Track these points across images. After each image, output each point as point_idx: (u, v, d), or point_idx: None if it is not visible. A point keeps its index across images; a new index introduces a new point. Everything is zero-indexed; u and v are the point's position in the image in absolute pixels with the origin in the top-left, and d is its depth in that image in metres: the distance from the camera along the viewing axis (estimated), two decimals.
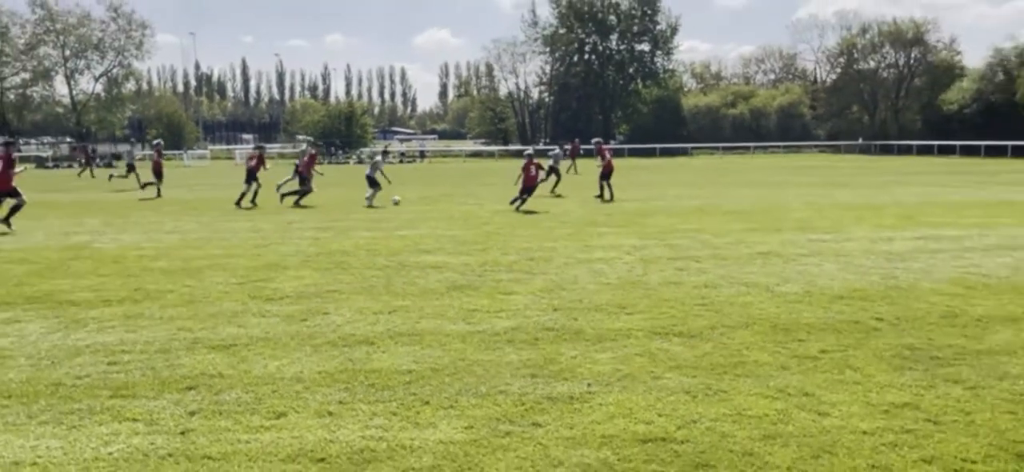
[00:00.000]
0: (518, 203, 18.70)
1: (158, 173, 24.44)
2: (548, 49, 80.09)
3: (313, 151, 22.70)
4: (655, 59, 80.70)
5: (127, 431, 4.87)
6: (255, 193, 20.62)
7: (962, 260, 10.79)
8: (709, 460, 4.38)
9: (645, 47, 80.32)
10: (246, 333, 7.08)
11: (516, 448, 4.58)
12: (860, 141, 73.60)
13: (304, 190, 20.45)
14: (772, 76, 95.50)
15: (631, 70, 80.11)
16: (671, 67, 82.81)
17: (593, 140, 27.65)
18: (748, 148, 71.31)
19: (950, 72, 71.92)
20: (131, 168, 28.88)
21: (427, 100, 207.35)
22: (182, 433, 4.83)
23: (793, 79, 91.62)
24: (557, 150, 28.46)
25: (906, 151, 64.82)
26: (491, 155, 68.69)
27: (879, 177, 32.53)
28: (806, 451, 4.47)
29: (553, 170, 24.46)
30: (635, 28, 78.87)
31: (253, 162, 21.30)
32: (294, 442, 4.68)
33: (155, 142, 31.58)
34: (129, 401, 5.39)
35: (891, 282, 9.27)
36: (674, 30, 79.87)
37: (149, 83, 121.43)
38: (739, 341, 6.75)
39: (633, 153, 60.17)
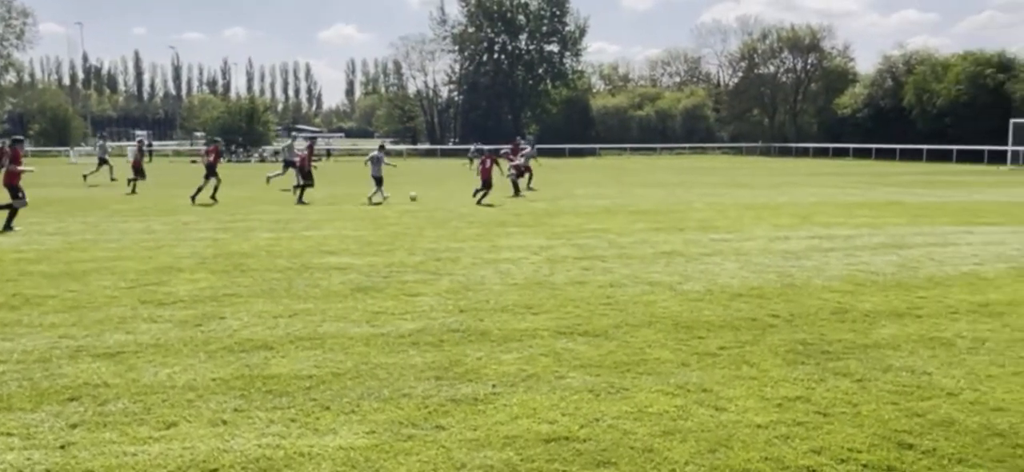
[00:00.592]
0: (480, 196, 20.07)
1: (138, 169, 24.31)
2: (457, 48, 79.97)
3: (309, 142, 22.83)
4: (564, 60, 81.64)
5: (1, 446, 4.55)
6: (215, 188, 20.39)
7: (853, 258, 11.28)
8: (610, 457, 4.41)
9: (554, 48, 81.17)
10: (135, 340, 6.74)
11: (419, 452, 4.50)
12: (760, 143, 76.41)
13: (306, 184, 20.41)
14: (677, 79, 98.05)
15: (540, 70, 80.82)
16: (580, 68, 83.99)
17: (521, 139, 28.08)
18: (655, 149, 73.07)
19: (844, 78, 75.52)
20: (103, 162, 28.96)
21: (333, 97, 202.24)
22: (62, 447, 4.55)
23: (697, 82, 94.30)
24: (528, 149, 29.26)
25: (803, 153, 67.72)
26: (400, 154, 68.12)
27: (778, 178, 33.84)
28: (704, 445, 4.55)
29: (525, 168, 25.48)
30: (544, 28, 79.60)
31: (211, 157, 21.04)
32: (185, 453, 4.47)
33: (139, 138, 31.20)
34: (4, 414, 5.04)
35: (787, 280, 9.60)
36: (582, 31, 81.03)
37: (32, 75, 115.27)
38: (642, 339, 6.85)
39: (543, 153, 60.63)
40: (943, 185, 29.26)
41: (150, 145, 45.14)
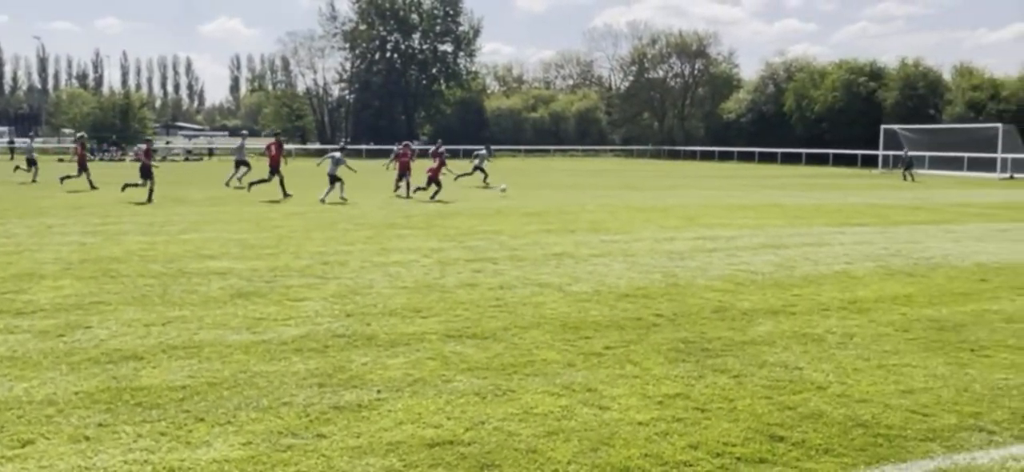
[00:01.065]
0: (433, 193, 21.76)
1: (82, 166, 23.31)
2: (348, 45, 78.63)
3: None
4: (458, 60, 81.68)
5: None
6: (151, 191, 19.73)
7: (734, 258, 11.71)
8: (494, 460, 4.38)
9: (448, 48, 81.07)
10: None
11: (298, 462, 4.34)
12: (651, 146, 78.62)
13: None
14: (571, 81, 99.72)
15: (434, 70, 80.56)
16: (474, 69, 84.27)
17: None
18: (548, 151, 74.02)
19: (729, 83, 78.72)
20: (32, 163, 27.48)
21: (217, 94, 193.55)
22: None
23: (590, 85, 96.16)
24: (483, 150, 31.00)
25: (691, 156, 70.08)
26: (288, 153, 66.39)
27: (666, 181, 34.88)
28: (586, 444, 4.59)
29: (479, 168, 27.79)
30: (438, 28, 79.38)
31: (144, 156, 20.49)
32: None
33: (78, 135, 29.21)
34: None
35: (671, 280, 9.86)
36: (477, 32, 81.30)
37: None
38: (530, 340, 6.88)
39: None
40: (820, 188, 30.86)
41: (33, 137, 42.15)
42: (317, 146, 72.29)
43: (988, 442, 4.69)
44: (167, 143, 65.64)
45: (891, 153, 48.25)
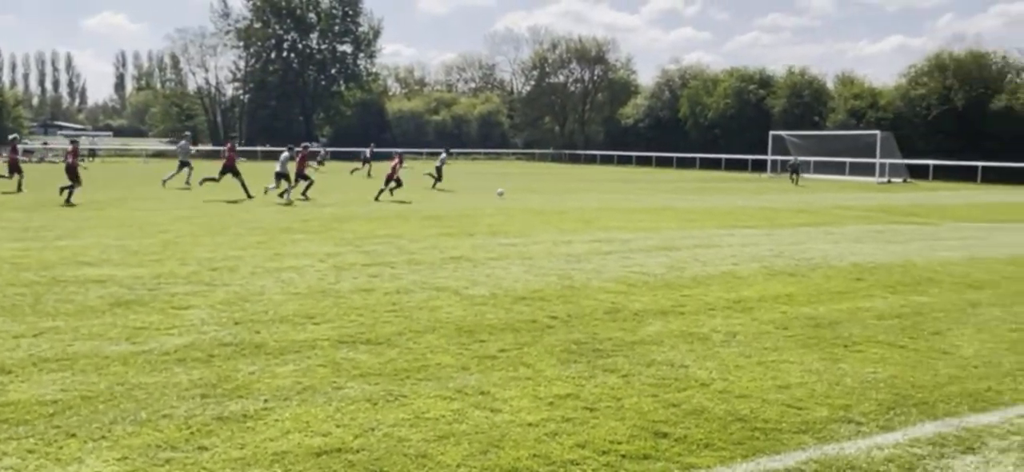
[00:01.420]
0: (390, 188, 23.52)
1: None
2: (242, 44, 76.34)
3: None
4: (358, 61, 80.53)
5: None
6: (70, 192, 19.18)
7: (628, 260, 11.98)
8: (383, 466, 4.34)
9: (347, 48, 79.83)
10: None
11: None
12: (552, 150, 79.63)
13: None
14: (473, 85, 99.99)
15: (333, 71, 79.17)
16: (375, 70, 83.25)
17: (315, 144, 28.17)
18: (451, 154, 73.86)
19: (627, 89, 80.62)
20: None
21: (100, 92, 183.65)
22: None
23: (492, 89, 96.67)
24: (443, 154, 33.07)
25: (591, 160, 71.39)
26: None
27: (566, 184, 35.38)
28: (477, 447, 4.61)
29: (437, 170, 29.98)
30: (336, 28, 78.04)
31: (70, 158, 19.82)
32: None
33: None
34: None
35: (566, 282, 10.00)
36: (377, 32, 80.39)
37: None
38: (425, 345, 6.84)
39: (336, 157, 59.43)
40: (712, 191, 31.97)
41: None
42: (210, 148, 69.82)
43: (856, 432, 4.97)
44: (44, 144, 62.06)
45: (779, 158, 50.45)
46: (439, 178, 30.17)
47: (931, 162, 45.56)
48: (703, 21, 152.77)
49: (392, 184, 23.80)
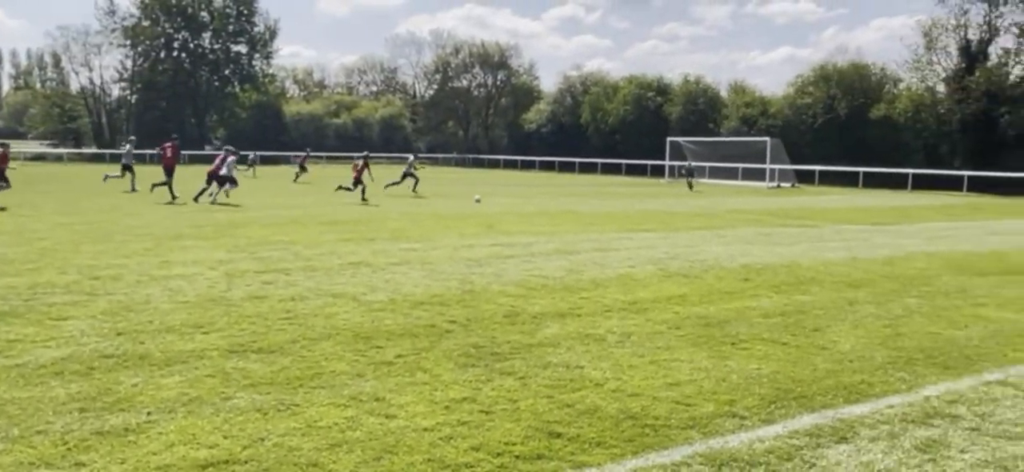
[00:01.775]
0: (346, 190, 25.47)
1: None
2: (129, 42, 73.08)
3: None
4: (253, 62, 78.45)
5: None
6: None
7: (528, 264, 12.08)
8: None
9: (242, 49, 77.68)
10: None
11: None
12: (456, 154, 79.63)
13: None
14: (375, 88, 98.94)
15: (227, 72, 76.85)
16: (271, 72, 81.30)
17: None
18: (352, 157, 72.91)
19: (530, 94, 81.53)
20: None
21: None
22: None
23: (394, 92, 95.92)
24: (411, 157, 33.30)
25: (495, 165, 71.79)
26: (60, 158, 60.70)
27: (470, 188, 35.42)
28: (370, 454, 4.55)
29: (409, 174, 29.62)
30: (231, 27, 75.82)
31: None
32: None
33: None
34: None
35: (467, 287, 10.01)
36: (273, 33, 78.62)
37: None
38: (320, 352, 6.71)
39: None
40: (612, 196, 32.64)
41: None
42: (93, 150, 66.54)
43: (740, 426, 5.17)
44: None
45: (676, 163, 52.00)
46: (401, 181, 29.90)
47: (817, 167, 47.88)
48: (604, 29, 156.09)
49: (360, 186, 25.12)
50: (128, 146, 29.30)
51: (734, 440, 4.90)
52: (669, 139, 54.82)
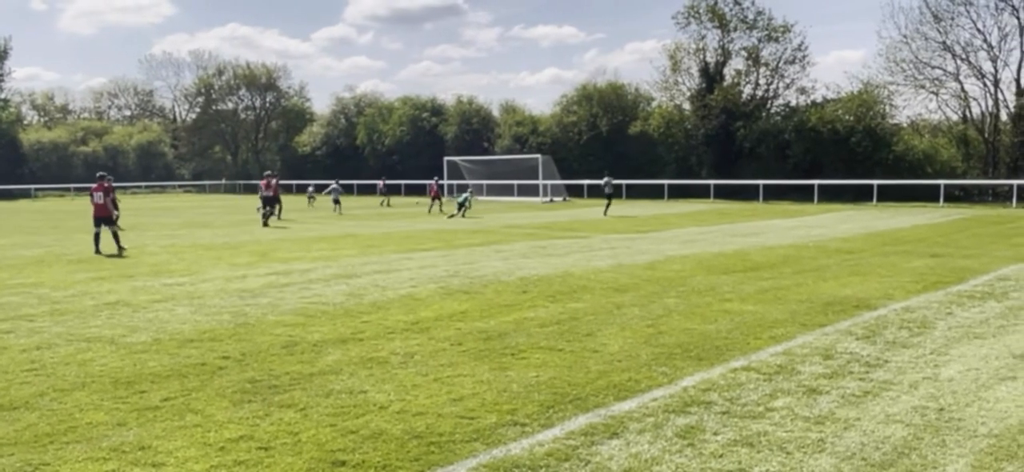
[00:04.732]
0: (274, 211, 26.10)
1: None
2: None
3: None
4: None
5: None
6: None
7: (307, 291, 11.73)
8: None
9: None
10: None
11: None
12: (225, 181, 75.63)
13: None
14: (128, 112, 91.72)
15: None
16: (4, 96, 72.81)
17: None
18: (340, 183, 67.14)
19: (302, 117, 79.33)
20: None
21: None
22: None
23: (152, 116, 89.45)
24: (334, 185, 35.74)
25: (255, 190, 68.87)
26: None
27: (240, 216, 33.76)
28: None
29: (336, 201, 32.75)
30: None
31: None
32: None
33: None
34: None
35: (241, 320, 9.53)
36: (5, 53, 70.41)
37: None
38: (73, 404, 6.09)
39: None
40: (392, 217, 32.53)
41: None
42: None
43: (521, 433, 5.35)
44: None
45: (455, 182, 52.91)
46: (314, 195, 30.17)
47: (585, 181, 50.80)
48: (376, 50, 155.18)
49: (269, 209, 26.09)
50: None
51: (516, 447, 5.06)
52: (446, 158, 55.70)
